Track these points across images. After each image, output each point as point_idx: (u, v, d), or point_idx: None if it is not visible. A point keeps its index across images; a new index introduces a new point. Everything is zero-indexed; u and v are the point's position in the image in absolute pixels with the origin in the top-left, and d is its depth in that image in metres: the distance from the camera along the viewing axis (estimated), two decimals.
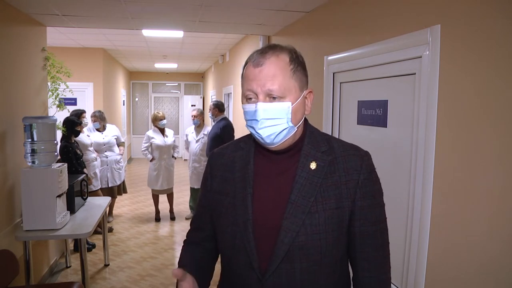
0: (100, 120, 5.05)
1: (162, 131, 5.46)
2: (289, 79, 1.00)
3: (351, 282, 1.12)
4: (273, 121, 1.00)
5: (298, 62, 1.04)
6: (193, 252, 1.20)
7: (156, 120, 5.45)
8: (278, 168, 1.07)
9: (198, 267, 1.14)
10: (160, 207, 5.71)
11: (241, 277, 1.06)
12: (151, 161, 5.46)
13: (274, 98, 0.99)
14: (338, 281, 1.08)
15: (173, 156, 5.55)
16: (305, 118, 1.12)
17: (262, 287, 1.02)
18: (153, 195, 5.63)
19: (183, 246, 1.25)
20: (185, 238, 1.27)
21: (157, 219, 5.62)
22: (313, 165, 1.04)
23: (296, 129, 1.04)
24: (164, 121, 5.45)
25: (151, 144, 5.42)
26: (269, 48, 1.03)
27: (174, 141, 5.55)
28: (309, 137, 1.08)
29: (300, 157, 1.05)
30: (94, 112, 5.16)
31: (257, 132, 1.02)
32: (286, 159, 1.07)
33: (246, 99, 1.03)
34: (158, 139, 5.41)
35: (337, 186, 1.03)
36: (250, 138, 1.14)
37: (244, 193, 1.06)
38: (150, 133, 5.49)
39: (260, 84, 0.99)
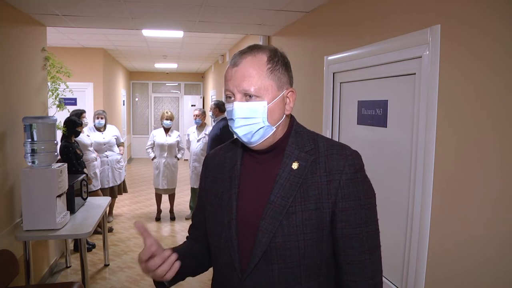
0: (105, 118, 5.10)
1: (167, 130, 5.49)
2: (264, 79, 1.00)
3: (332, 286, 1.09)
4: (248, 120, 1.01)
5: (277, 62, 1.03)
6: (189, 243, 1.25)
7: (162, 118, 5.55)
8: (262, 168, 1.08)
9: (187, 252, 1.18)
10: (161, 206, 5.72)
11: (225, 275, 1.08)
12: (152, 159, 5.51)
13: (250, 97, 1.00)
14: (323, 284, 1.05)
15: (175, 157, 5.55)
16: (292, 117, 1.12)
17: (242, 286, 1.02)
18: (155, 194, 5.67)
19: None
20: (186, 235, 1.32)
21: (158, 218, 5.63)
22: (295, 165, 1.03)
23: (275, 129, 1.04)
24: (168, 122, 5.46)
25: (154, 142, 5.47)
26: (248, 49, 1.04)
27: (178, 142, 5.55)
28: (293, 137, 1.07)
29: (283, 157, 1.05)
30: (98, 111, 5.16)
31: (234, 131, 1.04)
32: (270, 159, 1.07)
33: (226, 98, 1.06)
34: (159, 138, 5.45)
35: (318, 187, 1.01)
36: None
37: (229, 193, 1.07)
38: (155, 131, 5.59)
39: (235, 84, 1.01)
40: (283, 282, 1.01)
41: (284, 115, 1.06)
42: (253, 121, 1.01)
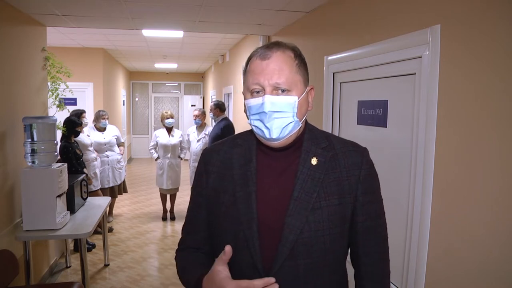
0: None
1: (169, 130, 5.49)
2: (295, 74, 1.01)
3: (347, 280, 1.13)
4: (280, 114, 0.99)
5: (301, 59, 1.05)
6: (196, 257, 1.14)
7: (162, 119, 5.55)
8: (279, 165, 1.06)
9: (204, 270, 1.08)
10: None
11: (243, 276, 1.02)
12: (156, 160, 5.51)
13: (282, 91, 0.99)
14: (341, 276, 1.09)
15: (179, 157, 5.55)
16: None
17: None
18: (160, 194, 5.69)
19: (177, 254, 1.18)
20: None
21: (164, 218, 5.66)
22: (314, 161, 1.04)
23: (301, 125, 1.04)
24: (170, 120, 5.48)
25: (157, 143, 5.48)
26: (274, 44, 1.03)
27: (181, 141, 5.55)
28: (308, 134, 1.09)
29: (301, 153, 1.05)
30: (101, 112, 5.14)
31: (265, 125, 1.00)
32: (287, 156, 1.06)
33: (251, 93, 1.02)
34: (163, 138, 5.46)
35: (339, 182, 1.03)
36: (249, 135, 1.12)
37: (246, 191, 1.03)
38: (157, 132, 5.59)
39: (267, 77, 0.98)
40: (308, 277, 1.01)
41: (307, 112, 1.07)
42: (285, 115, 1.00)
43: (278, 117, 0.99)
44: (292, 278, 1.01)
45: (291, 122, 1.00)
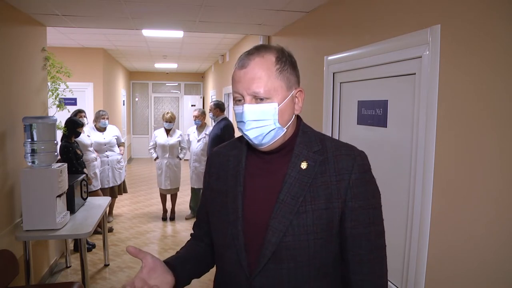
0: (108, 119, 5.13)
1: (168, 130, 5.50)
2: (274, 80, 0.99)
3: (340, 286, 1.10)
4: (260, 123, 1.00)
5: (285, 62, 1.02)
6: (191, 245, 1.24)
7: (162, 119, 5.56)
8: (269, 168, 1.07)
9: (192, 256, 1.18)
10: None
11: (231, 275, 1.07)
12: (155, 160, 5.51)
13: (260, 99, 0.99)
14: (331, 283, 1.06)
15: (177, 157, 5.55)
16: (298, 117, 1.12)
17: (250, 286, 1.02)
18: (160, 194, 5.71)
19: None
20: (186, 234, 1.29)
21: (164, 218, 5.66)
22: (303, 165, 1.03)
23: (286, 130, 1.04)
24: (167, 124, 5.44)
25: (156, 143, 5.49)
26: (255, 49, 1.03)
27: (180, 142, 5.54)
28: (301, 137, 1.08)
29: (292, 157, 1.05)
30: (102, 112, 5.14)
31: (245, 134, 1.03)
32: (277, 159, 1.07)
33: (235, 101, 1.05)
34: (161, 138, 5.46)
35: (327, 186, 1.01)
36: (244, 137, 1.14)
37: (235, 191, 1.07)
38: (156, 131, 5.61)
39: (245, 86, 0.99)
40: (292, 281, 1.01)
41: (294, 115, 1.06)
42: (265, 123, 1.00)
43: (258, 126, 1.00)
44: (276, 281, 1.01)
45: (272, 130, 1.01)
